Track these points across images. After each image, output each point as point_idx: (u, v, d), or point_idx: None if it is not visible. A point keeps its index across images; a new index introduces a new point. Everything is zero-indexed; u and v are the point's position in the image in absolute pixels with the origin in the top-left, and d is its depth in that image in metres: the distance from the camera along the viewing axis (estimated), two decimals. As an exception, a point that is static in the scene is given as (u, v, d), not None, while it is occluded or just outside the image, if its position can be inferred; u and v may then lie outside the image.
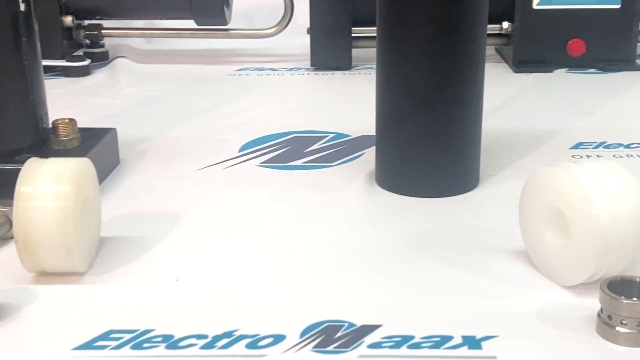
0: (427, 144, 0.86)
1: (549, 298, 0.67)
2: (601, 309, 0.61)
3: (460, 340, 0.61)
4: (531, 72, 1.41)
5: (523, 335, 0.61)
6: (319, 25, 1.41)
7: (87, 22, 1.50)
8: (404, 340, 0.61)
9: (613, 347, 0.60)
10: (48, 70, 0.94)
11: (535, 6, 1.39)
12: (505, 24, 1.43)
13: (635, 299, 0.60)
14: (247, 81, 1.41)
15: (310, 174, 0.96)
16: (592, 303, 0.63)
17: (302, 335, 0.62)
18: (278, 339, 0.61)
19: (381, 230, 0.81)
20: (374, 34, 0.89)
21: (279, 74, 1.45)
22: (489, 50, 0.89)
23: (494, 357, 0.59)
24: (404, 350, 0.60)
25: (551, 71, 1.41)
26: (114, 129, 0.98)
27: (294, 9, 1.48)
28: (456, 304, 0.66)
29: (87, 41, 1.51)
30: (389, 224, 0.82)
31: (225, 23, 1.45)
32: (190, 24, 1.47)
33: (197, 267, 0.73)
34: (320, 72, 1.44)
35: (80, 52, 1.48)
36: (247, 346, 0.61)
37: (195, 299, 0.68)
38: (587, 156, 1.01)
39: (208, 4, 1.41)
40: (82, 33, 1.48)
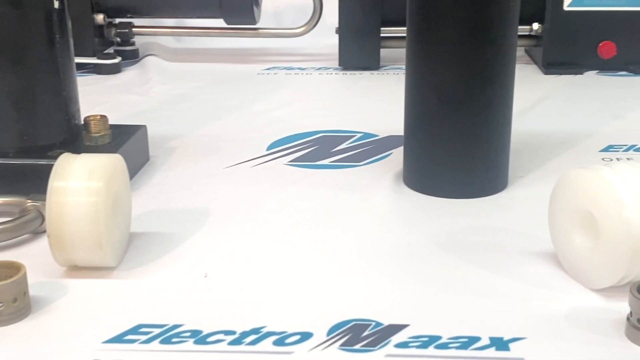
0: (456, 144, 0.86)
1: (577, 301, 0.66)
2: (630, 312, 0.60)
3: (487, 342, 0.61)
4: (561, 74, 1.39)
5: (551, 338, 0.61)
6: (347, 25, 1.41)
7: (118, 20, 1.51)
8: (431, 341, 0.61)
9: (642, 351, 0.59)
10: (79, 67, 0.95)
11: (566, 7, 1.38)
12: (535, 25, 1.41)
13: (665, 303, 0.60)
14: (276, 80, 1.41)
15: (338, 173, 0.96)
16: (622, 307, 0.62)
17: (329, 333, 0.62)
18: (305, 336, 0.62)
19: (409, 230, 0.81)
20: (402, 34, 0.89)
21: (307, 74, 1.45)
22: (518, 52, 0.89)
23: (521, 359, 0.59)
24: (431, 350, 0.60)
25: (581, 73, 1.39)
26: (144, 126, 0.99)
27: (322, 8, 1.48)
28: (484, 305, 0.66)
29: (118, 39, 1.52)
30: (416, 224, 0.82)
31: (255, 22, 1.46)
32: (220, 23, 1.48)
33: (225, 264, 0.74)
34: (348, 72, 1.44)
35: (111, 50, 1.50)
36: (275, 343, 0.61)
37: (224, 295, 0.68)
38: (618, 159, 1.00)
39: (237, 4, 1.41)
40: (113, 31, 1.49)
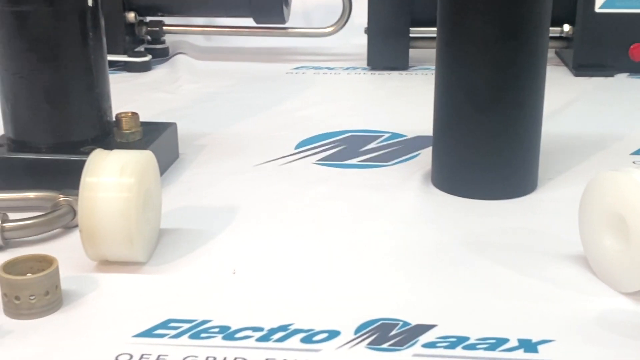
0: (486, 146, 0.86)
1: (606, 304, 0.66)
2: (661, 316, 0.60)
3: (516, 343, 0.61)
4: (591, 76, 1.38)
5: (580, 341, 0.61)
6: (376, 25, 1.41)
7: (148, 18, 1.53)
8: (459, 341, 0.61)
9: (673, 355, 0.59)
10: (110, 65, 0.96)
11: (597, 9, 1.37)
12: (566, 27, 1.40)
13: (697, 308, 0.59)
14: (304, 80, 1.41)
15: (366, 172, 0.96)
16: (652, 311, 0.62)
17: (356, 332, 0.62)
18: (333, 334, 0.62)
19: (437, 230, 0.80)
20: (432, 35, 0.89)
21: (335, 73, 1.45)
22: (549, 53, 0.88)
23: (550, 361, 0.59)
24: (459, 350, 0.60)
25: (612, 76, 1.38)
26: (174, 123, 1.00)
27: (352, 8, 1.48)
28: (512, 306, 0.66)
29: (149, 37, 1.53)
30: (445, 225, 0.82)
31: (284, 21, 1.46)
32: (249, 22, 1.49)
33: (254, 261, 0.74)
34: (377, 72, 1.44)
35: (142, 48, 1.51)
36: (302, 340, 0.61)
37: (252, 292, 0.69)
38: (649, 162, 0.99)
39: (267, 3, 1.42)
40: (143, 29, 1.51)
